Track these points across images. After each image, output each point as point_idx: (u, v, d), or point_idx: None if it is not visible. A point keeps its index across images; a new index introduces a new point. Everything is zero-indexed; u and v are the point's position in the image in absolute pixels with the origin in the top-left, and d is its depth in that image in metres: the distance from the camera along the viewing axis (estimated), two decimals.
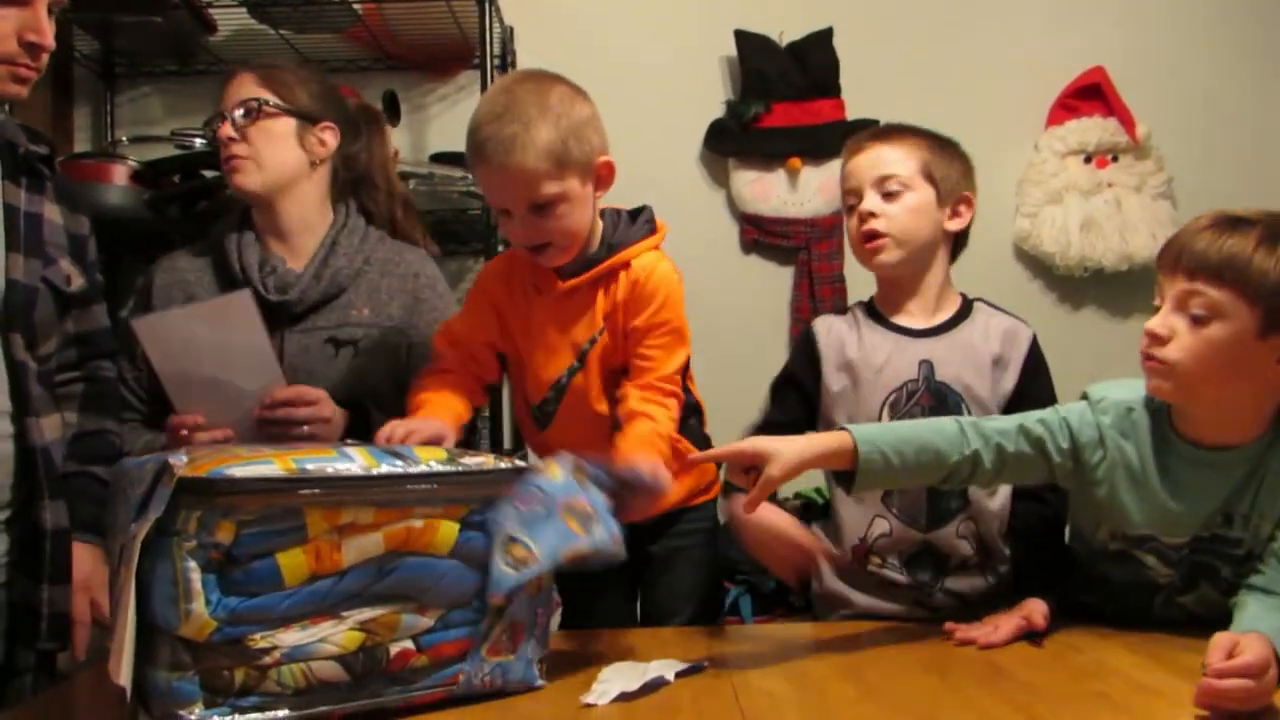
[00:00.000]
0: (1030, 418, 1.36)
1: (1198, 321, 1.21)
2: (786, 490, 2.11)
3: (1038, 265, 2.57)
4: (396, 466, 1.04)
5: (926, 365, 1.51)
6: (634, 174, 1.55)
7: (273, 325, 1.59)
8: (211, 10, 2.29)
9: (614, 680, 1.13)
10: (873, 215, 1.51)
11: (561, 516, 1.12)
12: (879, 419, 1.51)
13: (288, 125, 1.66)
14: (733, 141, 2.54)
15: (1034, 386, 1.52)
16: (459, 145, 2.35)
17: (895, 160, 1.53)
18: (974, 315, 1.56)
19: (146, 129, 2.49)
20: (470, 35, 2.31)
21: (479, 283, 1.58)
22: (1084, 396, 1.38)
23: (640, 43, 2.58)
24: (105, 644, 1.40)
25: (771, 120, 2.52)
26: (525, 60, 2.54)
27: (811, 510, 2.08)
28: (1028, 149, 2.57)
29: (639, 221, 1.53)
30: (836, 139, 2.53)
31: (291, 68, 1.74)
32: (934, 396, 1.50)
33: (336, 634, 1.00)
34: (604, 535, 1.14)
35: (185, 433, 1.40)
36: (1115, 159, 2.51)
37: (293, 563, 0.98)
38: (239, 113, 1.63)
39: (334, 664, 1.00)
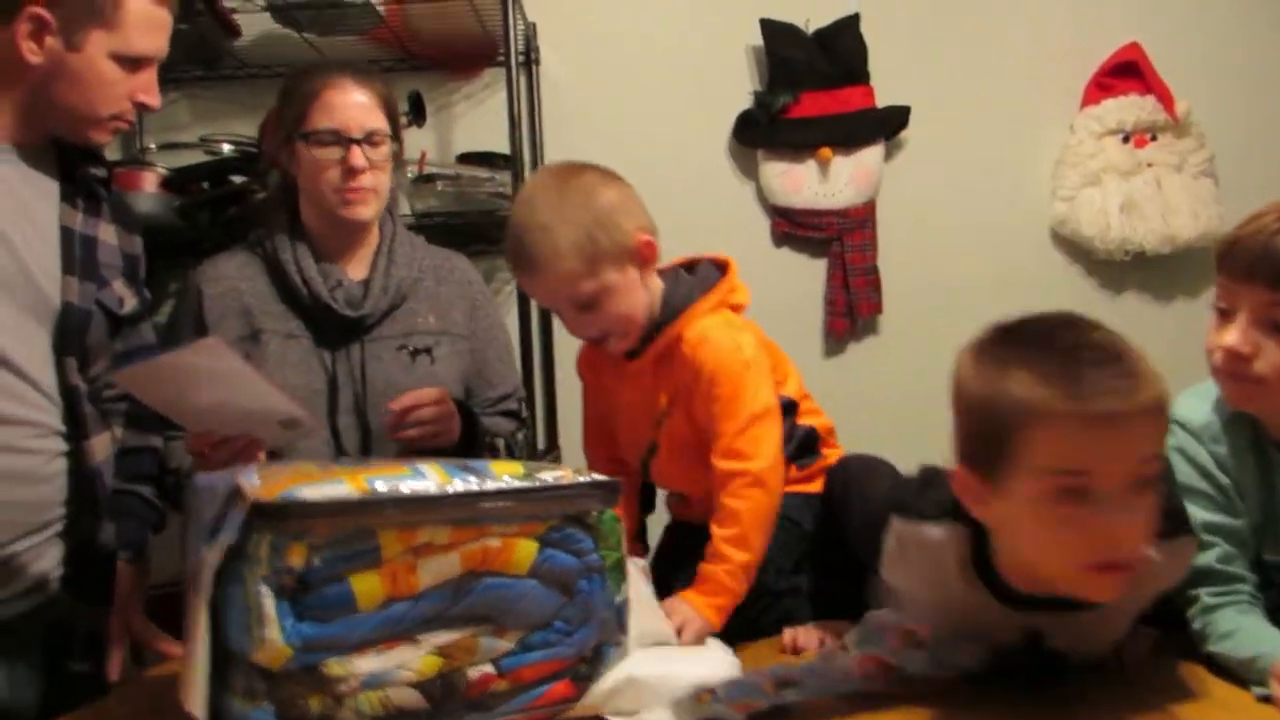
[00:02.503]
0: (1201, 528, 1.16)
1: None
2: None
3: (1076, 250, 2.52)
4: (471, 483, 0.99)
5: (1032, 634, 1.11)
6: (662, 169, 1.53)
7: (347, 336, 1.60)
8: (235, 15, 2.28)
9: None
10: (1136, 539, 0.98)
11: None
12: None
13: (391, 149, 1.64)
14: (761, 133, 2.51)
15: None
16: (485, 144, 2.40)
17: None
18: None
19: (174, 135, 2.49)
20: (493, 33, 2.30)
21: (578, 369, 1.56)
22: (1179, 425, 1.24)
23: (665, 35, 2.55)
24: (138, 664, 1.41)
25: (800, 110, 2.49)
26: (549, 56, 2.53)
27: None
28: (1063, 130, 2.52)
29: (694, 280, 1.44)
30: (867, 127, 2.51)
31: (383, 81, 1.68)
32: (1033, 663, 1.12)
33: (414, 660, 0.97)
34: None
35: (209, 451, 1.38)
36: (1154, 138, 2.45)
37: (367, 586, 0.94)
38: (370, 143, 1.58)
39: (412, 691, 0.97)
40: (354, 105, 1.59)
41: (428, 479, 0.98)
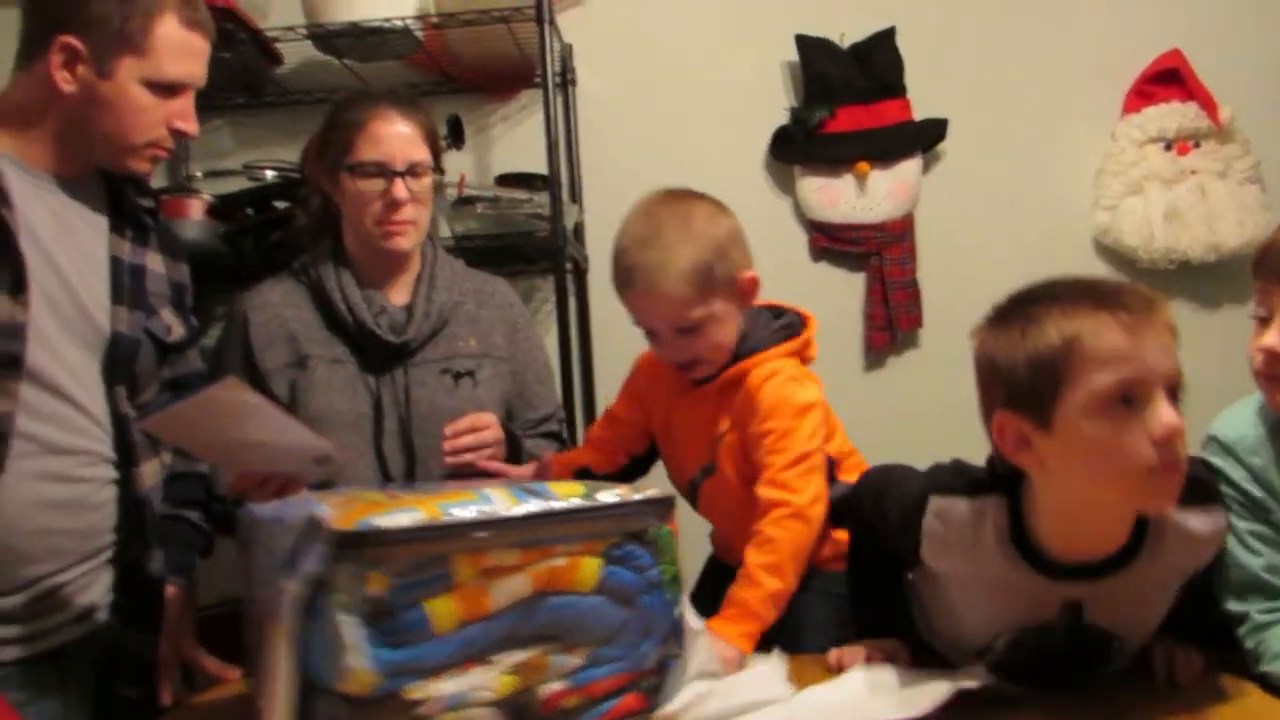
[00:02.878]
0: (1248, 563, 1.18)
1: None
2: None
3: (1120, 259, 2.48)
4: (538, 505, 1.01)
5: (1073, 609, 1.13)
6: (699, 186, 1.53)
7: (391, 361, 1.62)
8: (278, 43, 2.32)
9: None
10: (1180, 434, 1.02)
11: None
12: (986, 650, 1.18)
13: (433, 180, 1.67)
14: (798, 148, 2.51)
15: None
16: (523, 165, 2.42)
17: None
18: (1156, 528, 1.12)
19: (219, 162, 2.54)
20: (530, 55, 2.32)
21: (634, 372, 1.60)
22: (1215, 440, 1.24)
23: (700, 53, 2.56)
24: (188, 688, 1.42)
25: (836, 125, 2.48)
26: (585, 77, 2.55)
27: None
28: (1104, 139, 2.48)
29: (776, 326, 1.48)
30: (904, 140, 2.50)
31: (425, 110, 1.70)
32: (1075, 641, 1.15)
33: (490, 680, 0.97)
34: None
35: (252, 490, 1.40)
36: (1197, 144, 2.42)
37: (442, 610, 0.95)
38: (412, 175, 1.60)
39: (491, 710, 0.97)
40: (398, 137, 1.61)
41: (495, 503, 0.99)
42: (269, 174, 2.34)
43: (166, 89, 1.36)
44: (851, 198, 2.51)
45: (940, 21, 2.53)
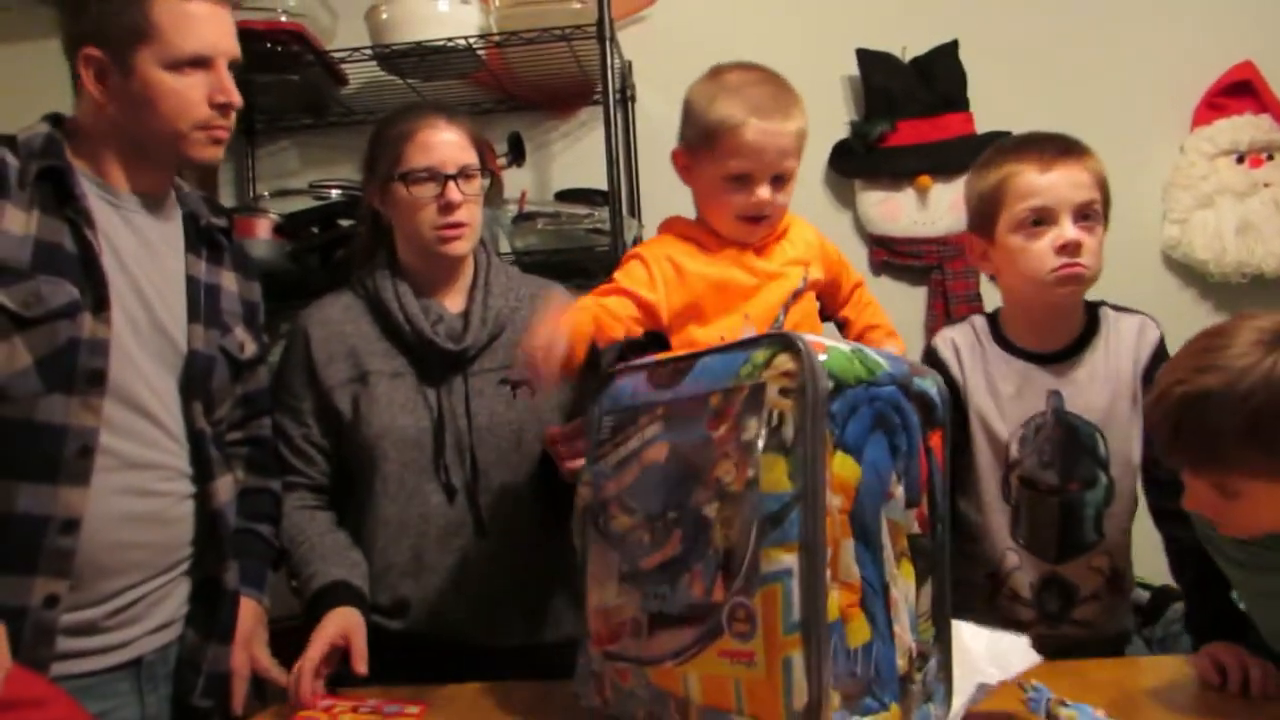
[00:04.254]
0: None
1: (1229, 496, 1.13)
2: None
3: (1189, 273, 2.44)
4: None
5: (1056, 396, 1.46)
6: None
7: (450, 371, 1.63)
8: (343, 65, 2.36)
9: None
10: (1079, 246, 1.42)
11: None
12: (1007, 455, 1.47)
13: (482, 184, 1.68)
14: (858, 162, 2.49)
15: None
16: (583, 181, 2.43)
17: (1092, 185, 1.45)
18: (1102, 327, 1.50)
19: (285, 181, 2.59)
20: (590, 72, 2.33)
21: (651, 262, 1.57)
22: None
23: None
24: (259, 700, 1.44)
25: (897, 139, 2.47)
26: (645, 93, 2.56)
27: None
28: (1172, 152, 2.45)
29: None
30: (966, 154, 2.45)
31: (469, 117, 1.73)
32: (1064, 430, 1.46)
33: None
34: None
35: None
36: (1270, 157, 2.37)
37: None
38: (464, 177, 1.62)
39: None
40: (447, 143, 1.63)
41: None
42: (334, 193, 2.38)
43: (192, 65, 1.34)
44: (913, 211, 2.49)
45: (1003, 34, 2.50)
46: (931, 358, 1.55)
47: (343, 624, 1.45)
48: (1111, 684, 1.26)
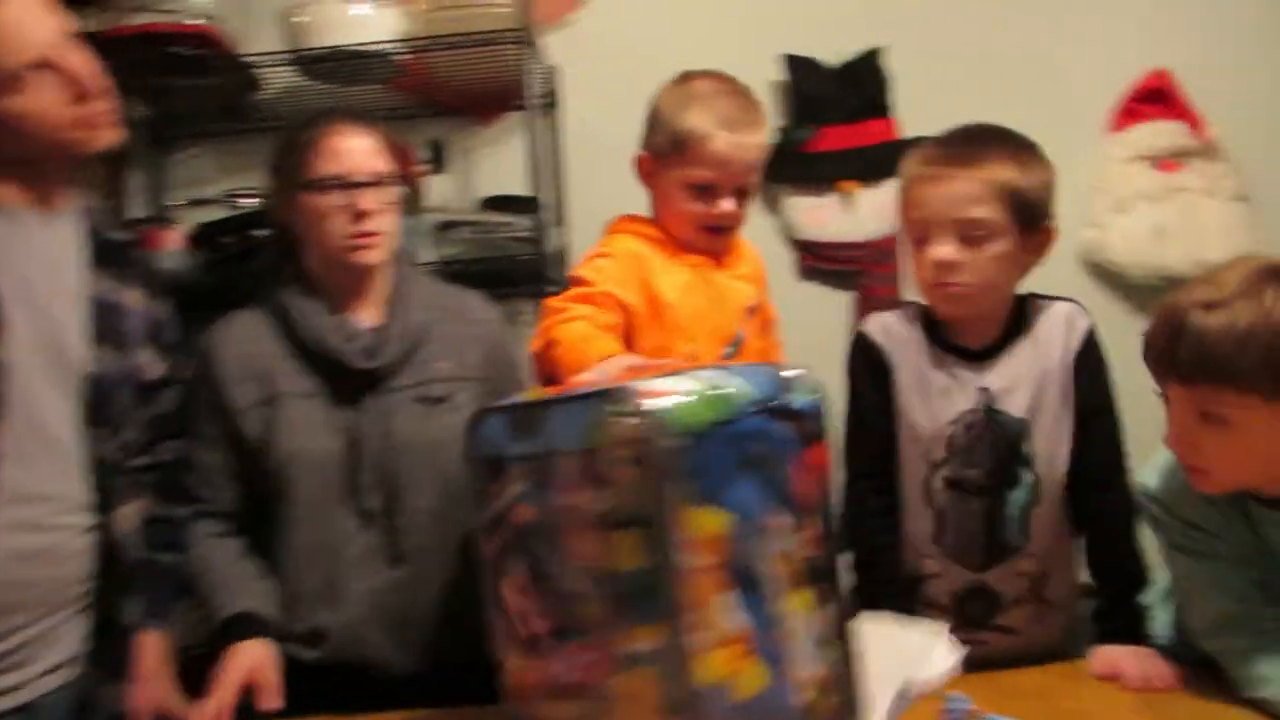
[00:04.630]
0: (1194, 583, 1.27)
1: (1213, 423, 1.14)
2: None
3: (1109, 276, 2.48)
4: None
5: (984, 394, 1.42)
6: None
7: (365, 390, 1.57)
8: (258, 69, 2.30)
9: None
10: (950, 266, 1.37)
11: None
12: (929, 455, 1.43)
13: (397, 192, 1.63)
14: (785, 168, 2.49)
15: (1094, 390, 1.43)
16: (508, 189, 2.39)
17: (978, 198, 1.35)
18: (1030, 320, 1.45)
19: (200, 190, 2.51)
20: (514, 78, 2.29)
21: (617, 260, 1.56)
22: (1144, 493, 1.31)
23: None
24: None
25: (823, 144, 2.47)
26: (571, 99, 2.53)
27: None
28: (1092, 158, 2.48)
29: None
30: (890, 159, 2.47)
31: (380, 125, 1.67)
32: (994, 428, 1.42)
33: None
34: None
35: None
36: (1184, 163, 2.42)
37: None
38: (375, 186, 1.56)
39: None
40: (356, 149, 1.57)
41: None
42: (250, 201, 2.31)
43: (33, 71, 1.27)
44: (838, 217, 2.49)
45: (927, 42, 2.52)
46: (862, 342, 1.50)
47: (250, 660, 1.40)
48: (1036, 693, 1.26)
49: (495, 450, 1.05)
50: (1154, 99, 2.44)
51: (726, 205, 1.53)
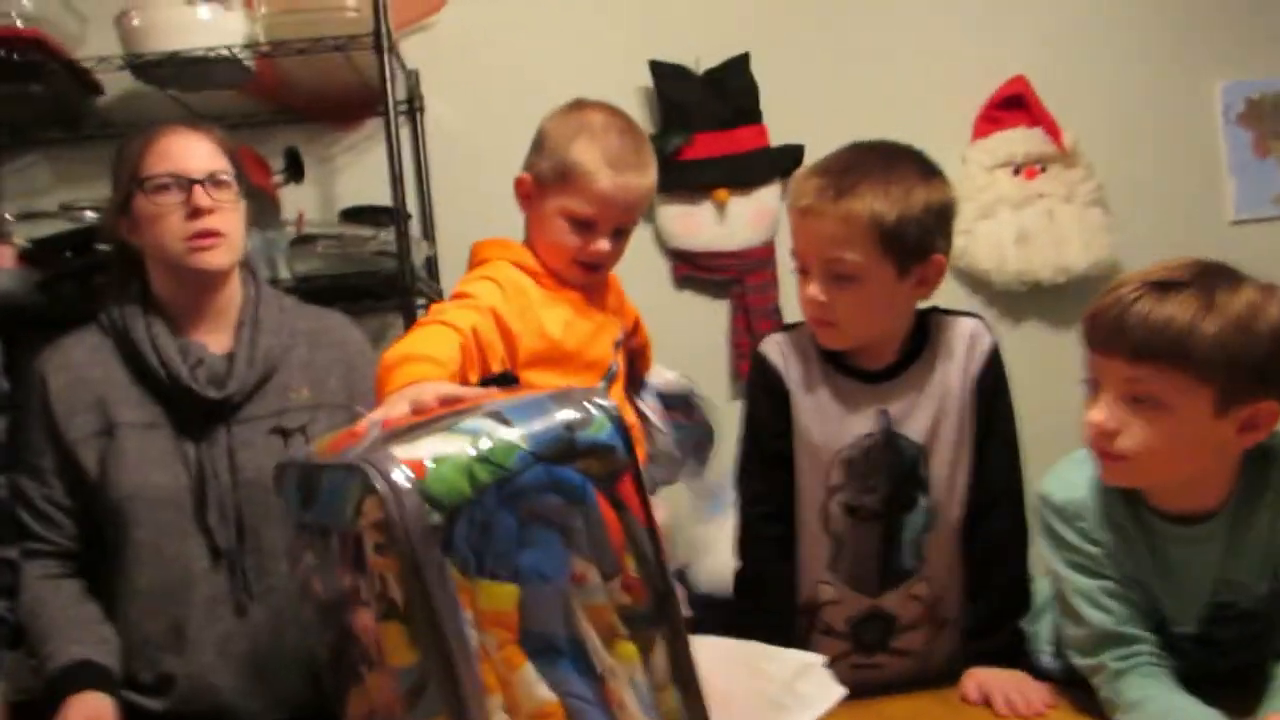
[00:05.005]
0: (1081, 592, 1.23)
1: (1147, 407, 1.10)
2: None
3: (976, 281, 2.52)
4: None
5: (883, 416, 1.38)
6: None
7: (212, 420, 1.47)
8: (96, 74, 2.15)
9: None
10: (819, 305, 1.34)
11: None
12: (828, 479, 1.39)
13: (238, 194, 1.53)
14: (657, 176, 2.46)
15: (994, 412, 1.40)
16: (370, 198, 2.29)
17: (844, 240, 1.30)
18: (931, 339, 1.40)
19: (35, 201, 2.34)
20: (372, 82, 2.20)
21: (498, 293, 1.47)
22: (1044, 501, 1.28)
23: (553, 78, 2.44)
24: None
25: (694, 151, 2.45)
26: (435, 103, 2.45)
27: None
28: (957, 164, 2.51)
29: None
30: (762, 167, 2.48)
31: (221, 129, 1.59)
32: (892, 451, 1.38)
33: None
34: None
35: None
36: (1044, 169, 2.47)
37: None
38: (214, 183, 1.47)
39: None
40: (190, 148, 1.49)
41: None
42: (89, 214, 2.16)
43: None
44: (712, 225, 2.48)
45: (792, 47, 2.52)
46: (761, 364, 1.43)
47: (87, 712, 1.30)
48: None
49: (292, 512, 0.97)
50: (1013, 106, 2.49)
51: (603, 244, 1.49)
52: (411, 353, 1.21)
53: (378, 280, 2.13)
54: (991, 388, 1.40)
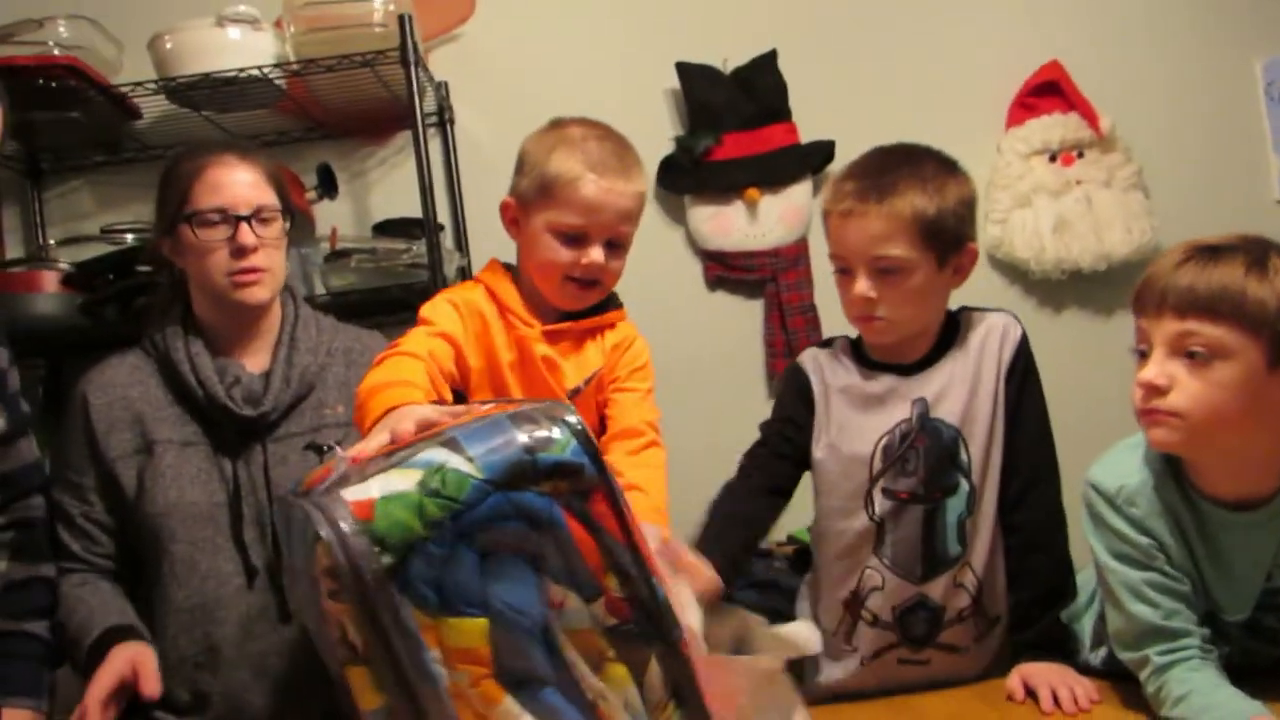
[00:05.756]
0: (1133, 590, 1.22)
1: (1198, 363, 1.09)
2: (778, 533, 2.00)
3: (1014, 271, 2.48)
4: None
5: (920, 403, 1.42)
6: None
7: (249, 438, 1.50)
8: (133, 98, 2.19)
9: None
10: (871, 302, 1.40)
11: None
12: (871, 463, 1.42)
13: (283, 226, 1.56)
14: (686, 177, 2.45)
15: (1025, 399, 1.43)
16: (402, 211, 2.31)
17: (891, 235, 1.36)
18: (963, 332, 1.46)
19: (79, 224, 2.40)
20: (402, 96, 2.22)
21: (458, 314, 1.49)
22: (1093, 489, 1.27)
23: (580, 84, 2.48)
24: None
25: (723, 152, 2.43)
26: (465, 114, 2.47)
27: (806, 558, 1.98)
28: (991, 153, 2.48)
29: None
30: (792, 164, 2.46)
31: (268, 156, 1.62)
32: (929, 436, 1.41)
33: None
34: None
35: None
36: (1081, 155, 2.43)
37: None
38: (259, 220, 1.50)
39: None
40: (239, 182, 1.51)
41: None
42: (129, 237, 2.20)
43: None
44: (743, 225, 2.46)
45: (820, 43, 2.50)
46: (796, 374, 1.52)
47: (129, 654, 1.34)
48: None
49: (282, 545, 0.97)
50: (1048, 92, 2.45)
51: (595, 255, 1.46)
52: (379, 382, 1.22)
53: (412, 292, 2.14)
54: (1021, 375, 1.44)
